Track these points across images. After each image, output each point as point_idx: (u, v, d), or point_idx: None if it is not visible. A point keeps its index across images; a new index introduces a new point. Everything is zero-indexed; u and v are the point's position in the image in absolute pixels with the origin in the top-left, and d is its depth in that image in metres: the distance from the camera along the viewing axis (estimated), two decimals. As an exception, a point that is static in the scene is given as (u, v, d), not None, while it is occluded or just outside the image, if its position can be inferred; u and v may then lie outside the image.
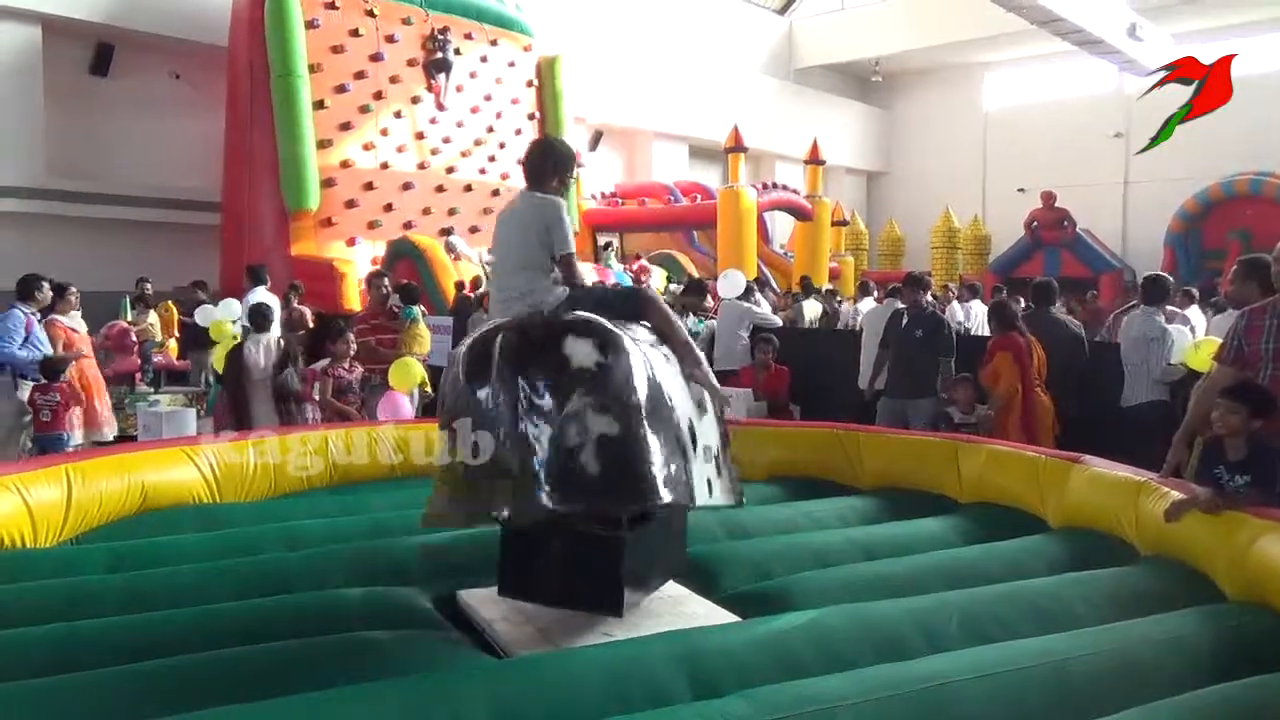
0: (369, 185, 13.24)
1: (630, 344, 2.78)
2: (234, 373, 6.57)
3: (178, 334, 11.07)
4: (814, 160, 17.55)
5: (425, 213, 13.77)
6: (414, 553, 3.56)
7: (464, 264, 12.17)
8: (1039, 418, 5.82)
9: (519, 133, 15.23)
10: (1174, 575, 3.34)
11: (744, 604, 3.20)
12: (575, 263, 3.12)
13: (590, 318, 2.82)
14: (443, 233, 12.86)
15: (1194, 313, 8.17)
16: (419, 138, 13.96)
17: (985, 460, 4.58)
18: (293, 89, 12.48)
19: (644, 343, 2.94)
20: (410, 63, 13.89)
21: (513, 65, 15.26)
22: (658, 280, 14.38)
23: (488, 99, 14.83)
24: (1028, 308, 6.83)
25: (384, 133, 13.50)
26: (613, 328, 2.78)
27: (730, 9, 23.03)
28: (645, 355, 2.84)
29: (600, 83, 17.95)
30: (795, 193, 17.55)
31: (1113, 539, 3.79)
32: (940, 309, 8.02)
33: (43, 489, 3.66)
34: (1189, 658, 2.71)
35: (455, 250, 12.28)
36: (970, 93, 25.45)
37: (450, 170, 14.27)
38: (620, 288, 5.75)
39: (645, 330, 3.09)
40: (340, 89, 13.10)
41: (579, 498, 2.63)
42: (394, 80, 13.64)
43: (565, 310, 2.94)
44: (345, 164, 13.07)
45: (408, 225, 13.41)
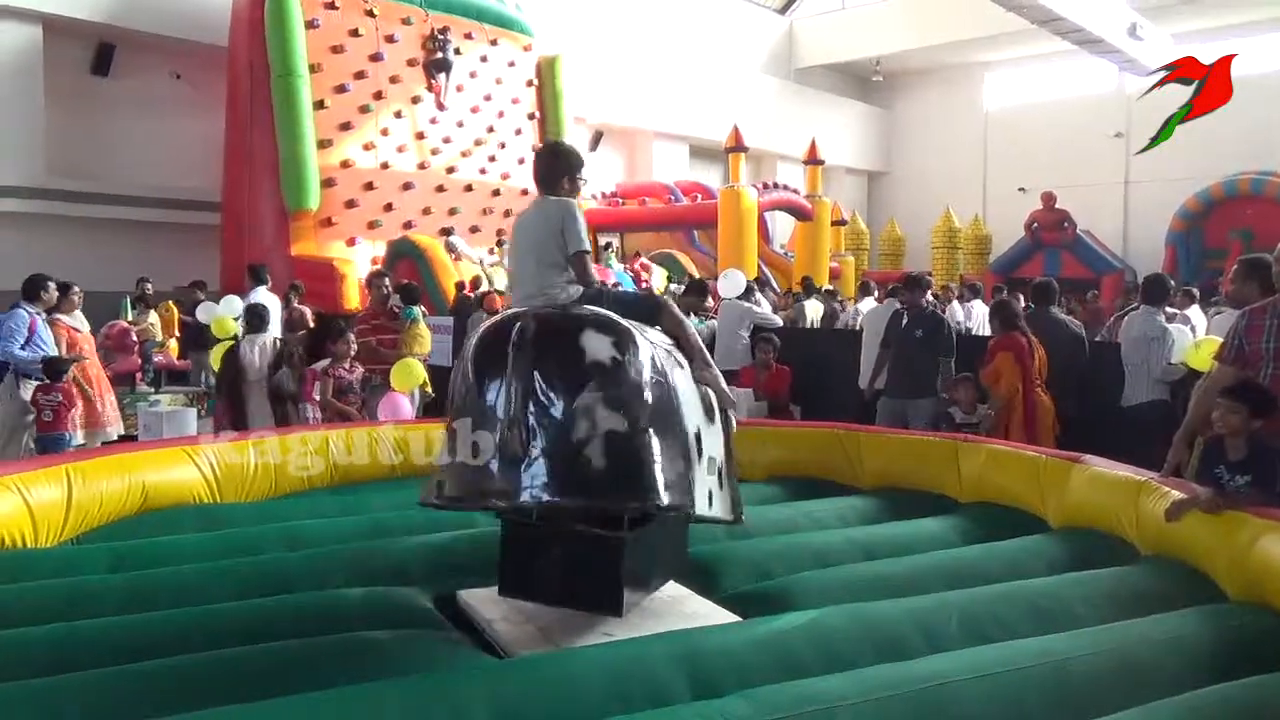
0: (369, 185, 13.25)
1: (646, 345, 2.77)
2: (230, 373, 6.58)
3: (178, 334, 11.08)
4: (812, 160, 17.56)
5: (425, 213, 13.77)
6: (414, 553, 3.56)
7: (464, 264, 12.18)
8: (1039, 418, 5.82)
9: (519, 133, 15.24)
10: (1174, 575, 3.34)
11: (744, 604, 3.20)
12: (589, 261, 3.12)
13: (610, 315, 2.78)
14: (443, 233, 12.85)
15: (1194, 312, 8.18)
16: (419, 138, 13.96)
17: (985, 460, 4.58)
18: (293, 89, 12.49)
19: (659, 346, 2.92)
20: (410, 63, 13.90)
21: (513, 65, 15.26)
22: (658, 279, 14.38)
23: (488, 99, 14.83)
24: (1028, 308, 6.83)
25: (384, 133, 13.51)
26: (631, 327, 2.76)
27: (730, 9, 23.02)
28: (659, 358, 2.82)
29: (600, 83, 17.94)
30: (796, 193, 17.55)
31: (1113, 539, 3.79)
32: (940, 309, 8.01)
33: (43, 489, 3.65)
34: (1189, 658, 2.71)
35: (456, 250, 12.29)
36: (970, 92, 25.45)
37: (450, 170, 14.27)
38: (636, 291, 5.74)
39: (659, 334, 3.08)
40: (340, 89, 13.10)
41: (579, 492, 2.62)
42: (394, 80, 13.65)
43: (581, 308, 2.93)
44: (345, 164, 13.07)
45: (408, 225, 13.42)
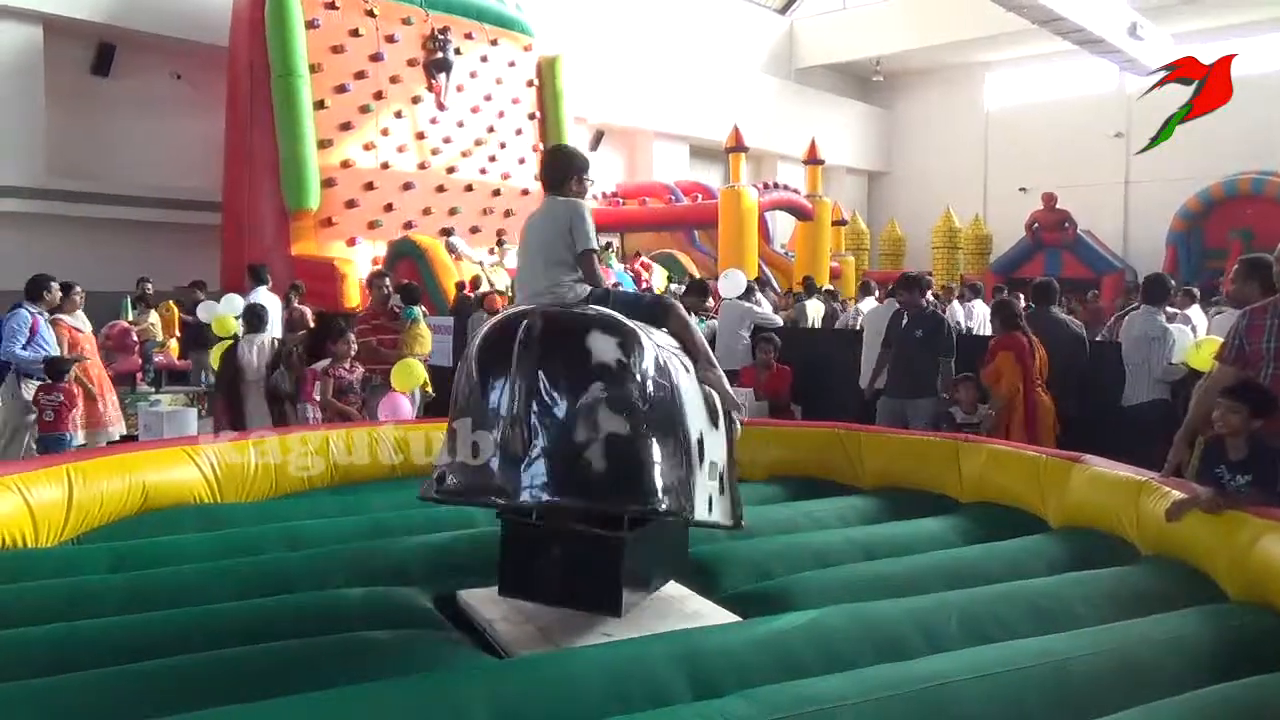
0: (369, 185, 13.25)
1: (651, 347, 2.76)
2: (228, 373, 6.58)
3: (179, 334, 11.09)
4: (812, 160, 17.56)
5: (426, 213, 13.77)
6: (414, 553, 3.56)
7: (465, 264, 12.18)
8: (1040, 418, 5.82)
9: (519, 133, 15.24)
10: (1175, 575, 3.34)
11: (744, 604, 3.20)
12: (596, 260, 3.13)
13: (617, 316, 2.78)
14: (443, 233, 12.86)
15: (1195, 312, 8.17)
16: (419, 138, 13.96)
17: (986, 460, 4.57)
18: (293, 89, 12.50)
19: (665, 349, 2.91)
20: (410, 63, 13.90)
21: (513, 65, 15.26)
22: (659, 279, 14.38)
23: (488, 99, 14.83)
24: (1028, 307, 6.83)
25: (384, 133, 13.51)
26: (637, 329, 2.75)
27: (731, 9, 23.02)
28: (665, 361, 2.82)
29: (600, 83, 17.95)
30: (796, 192, 17.55)
31: (1113, 539, 3.79)
32: (941, 309, 8.01)
33: (44, 489, 3.65)
34: (1189, 657, 2.71)
35: (456, 250, 12.29)
36: (971, 92, 25.45)
37: (451, 170, 14.27)
38: (643, 293, 5.75)
39: (665, 336, 3.08)
40: (340, 89, 13.10)
41: (579, 493, 2.61)
42: (394, 80, 13.65)
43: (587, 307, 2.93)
44: (345, 164, 13.07)
45: (408, 225, 13.42)
